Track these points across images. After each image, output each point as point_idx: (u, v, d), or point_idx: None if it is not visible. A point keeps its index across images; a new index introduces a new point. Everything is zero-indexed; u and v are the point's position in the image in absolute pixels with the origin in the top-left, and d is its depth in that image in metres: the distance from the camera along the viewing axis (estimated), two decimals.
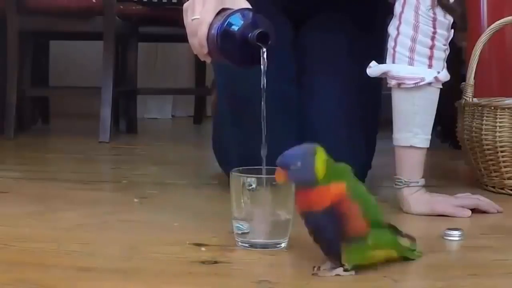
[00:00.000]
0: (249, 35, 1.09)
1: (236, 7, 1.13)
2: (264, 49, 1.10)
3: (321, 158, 0.95)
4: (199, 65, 3.30)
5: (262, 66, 1.10)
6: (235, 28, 1.11)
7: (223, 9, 1.14)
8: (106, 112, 2.51)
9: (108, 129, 2.49)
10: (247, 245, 1.08)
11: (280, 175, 0.96)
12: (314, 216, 0.95)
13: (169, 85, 3.55)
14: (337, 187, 0.94)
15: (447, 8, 1.32)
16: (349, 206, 0.94)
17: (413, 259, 1.04)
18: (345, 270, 0.96)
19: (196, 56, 1.20)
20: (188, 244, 1.11)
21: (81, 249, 1.09)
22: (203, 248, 1.09)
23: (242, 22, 1.11)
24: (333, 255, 0.97)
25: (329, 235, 0.95)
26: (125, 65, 2.91)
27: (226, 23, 1.11)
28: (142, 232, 1.22)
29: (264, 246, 1.08)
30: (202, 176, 1.83)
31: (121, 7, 2.70)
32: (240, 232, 1.08)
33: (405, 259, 1.03)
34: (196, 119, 3.35)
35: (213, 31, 1.12)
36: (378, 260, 0.98)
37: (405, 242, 1.02)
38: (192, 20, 1.16)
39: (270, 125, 1.11)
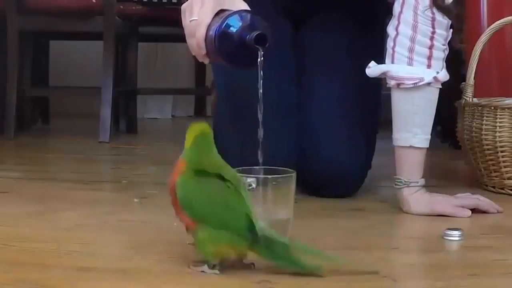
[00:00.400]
0: (247, 37, 1.09)
1: (234, 9, 1.13)
2: (262, 51, 1.10)
3: (191, 134, 1.01)
4: (199, 65, 3.30)
5: (259, 68, 1.10)
6: (233, 29, 1.11)
7: (221, 11, 1.14)
8: (106, 112, 2.51)
9: (108, 129, 2.49)
10: None
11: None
12: None
13: (169, 85, 3.55)
14: (180, 169, 0.97)
15: (442, 9, 1.32)
16: (174, 198, 0.97)
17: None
18: (212, 268, 0.97)
19: (194, 57, 1.21)
20: (188, 244, 1.11)
21: (81, 249, 1.09)
22: None
23: (240, 24, 1.11)
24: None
25: None
26: (125, 65, 2.91)
27: (224, 25, 1.11)
28: (142, 232, 1.22)
29: None
30: None
31: (121, 7, 2.70)
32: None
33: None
34: (196, 119, 3.35)
35: (211, 33, 1.12)
36: (230, 255, 0.96)
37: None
38: (190, 21, 1.16)
39: (270, 125, 1.11)
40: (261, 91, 1.10)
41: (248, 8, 1.16)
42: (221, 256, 0.96)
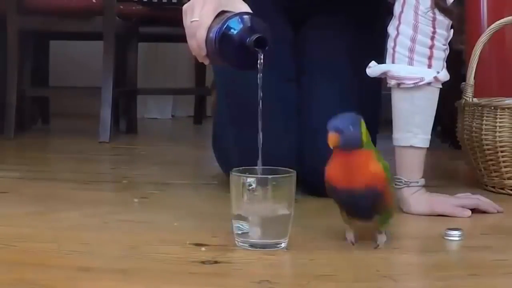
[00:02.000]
0: (247, 39, 1.10)
1: (235, 10, 1.14)
2: (262, 54, 1.10)
3: (363, 126, 1.06)
4: (199, 65, 3.30)
5: (259, 72, 1.10)
6: (233, 32, 1.11)
7: (222, 12, 1.15)
8: (106, 112, 2.51)
9: (108, 129, 2.49)
10: (247, 245, 1.08)
11: (333, 139, 1.02)
12: (352, 194, 1.05)
13: (169, 85, 3.55)
14: (375, 158, 1.05)
15: (444, 10, 1.32)
16: (385, 186, 1.05)
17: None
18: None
19: (195, 57, 1.21)
20: (188, 244, 1.11)
21: (81, 249, 1.09)
22: (203, 248, 1.09)
23: (241, 26, 1.12)
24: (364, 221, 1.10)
25: (366, 207, 1.07)
26: (125, 65, 2.91)
27: (224, 27, 1.11)
28: (142, 232, 1.22)
29: (264, 246, 1.08)
30: (202, 176, 1.83)
31: (121, 7, 2.70)
32: (240, 232, 1.08)
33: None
34: (196, 119, 3.35)
35: (212, 35, 1.12)
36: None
37: None
38: (191, 22, 1.16)
39: (269, 125, 1.11)
40: (261, 94, 1.11)
41: (249, 10, 1.16)
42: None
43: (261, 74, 1.11)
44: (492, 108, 1.56)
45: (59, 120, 3.15)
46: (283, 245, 1.09)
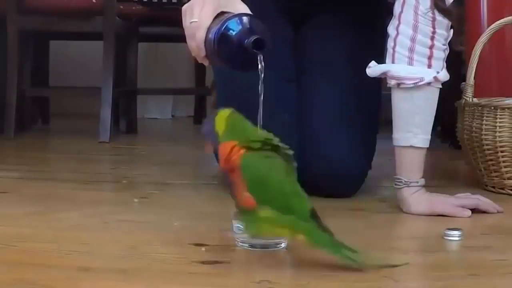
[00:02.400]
0: (246, 41, 1.10)
1: (235, 11, 1.14)
2: (260, 56, 1.10)
3: (220, 119, 1.01)
4: (199, 65, 3.29)
5: (259, 72, 1.10)
6: (232, 33, 1.11)
7: (222, 13, 1.15)
8: (106, 112, 2.51)
9: (108, 129, 2.49)
10: (247, 245, 1.08)
11: (207, 148, 1.03)
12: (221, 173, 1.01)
13: (169, 85, 3.55)
14: (233, 149, 0.97)
15: (443, 11, 1.32)
16: (237, 178, 0.97)
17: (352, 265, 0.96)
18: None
19: (195, 58, 1.21)
20: (188, 244, 1.11)
21: (81, 249, 1.09)
22: (203, 248, 1.09)
23: (239, 27, 1.12)
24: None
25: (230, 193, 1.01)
26: (125, 65, 2.91)
27: (223, 28, 1.11)
28: (142, 232, 1.22)
29: (264, 246, 1.07)
30: (202, 176, 1.83)
31: (121, 7, 2.70)
32: (240, 232, 1.08)
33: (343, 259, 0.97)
34: (196, 119, 3.35)
35: (211, 36, 1.13)
36: (282, 235, 1.02)
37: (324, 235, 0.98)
38: (191, 23, 1.16)
39: (269, 125, 1.11)
40: (261, 98, 1.11)
41: (249, 11, 1.16)
42: (272, 235, 1.01)
43: (262, 76, 1.11)
44: (492, 108, 1.56)
45: (59, 120, 3.15)
46: (283, 245, 1.09)
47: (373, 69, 1.38)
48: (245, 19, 1.13)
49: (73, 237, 1.17)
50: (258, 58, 1.10)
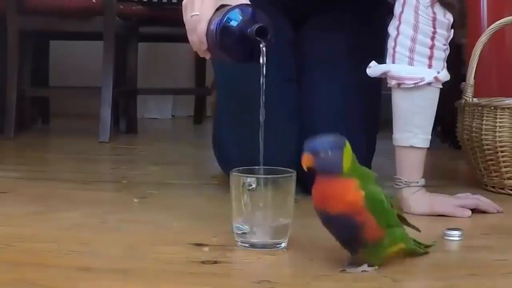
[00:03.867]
0: (248, 30, 1.10)
1: (234, 3, 1.14)
2: (263, 44, 1.10)
3: (348, 151, 0.96)
4: (199, 65, 3.30)
5: (261, 60, 1.10)
6: (234, 23, 1.11)
7: (222, 5, 1.15)
8: (106, 112, 2.51)
9: (108, 129, 2.49)
10: (247, 245, 1.08)
11: (307, 160, 0.95)
12: (330, 217, 0.96)
13: (169, 85, 3.55)
14: (356, 188, 0.95)
15: (445, 5, 1.32)
16: (365, 217, 0.94)
17: (420, 254, 1.06)
18: (370, 266, 0.98)
19: (196, 54, 1.21)
20: (188, 244, 1.11)
21: (81, 249, 1.09)
22: (203, 248, 1.09)
23: (241, 17, 1.12)
24: (351, 252, 0.99)
25: (346, 237, 0.98)
26: (125, 65, 2.91)
27: (225, 19, 1.11)
28: (142, 232, 1.22)
29: (264, 246, 1.08)
30: (202, 176, 1.83)
31: (121, 7, 2.70)
32: (240, 232, 1.08)
33: (412, 253, 1.05)
34: (196, 119, 3.35)
35: (212, 27, 1.13)
36: (393, 255, 1.00)
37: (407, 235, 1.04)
38: (192, 16, 1.16)
39: (270, 125, 1.11)
40: (263, 88, 1.11)
41: (249, 2, 1.16)
42: (392, 256, 1.00)
43: (264, 63, 1.11)
44: (492, 108, 1.56)
45: (59, 120, 3.15)
46: (283, 245, 1.09)
47: (374, 69, 1.38)
48: (246, 9, 1.13)
49: (73, 237, 1.17)
50: (261, 46, 1.10)
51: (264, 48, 1.10)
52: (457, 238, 1.17)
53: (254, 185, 1.05)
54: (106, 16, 2.51)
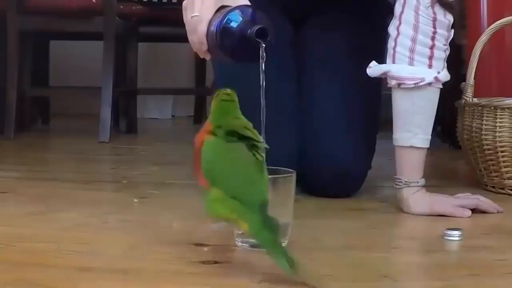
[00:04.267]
0: (248, 31, 1.10)
1: (235, 5, 1.14)
2: (263, 45, 1.10)
3: (217, 97, 1.03)
4: (199, 65, 3.30)
5: (261, 62, 1.10)
6: (234, 24, 1.11)
7: (222, 7, 1.15)
8: (106, 112, 2.51)
9: (108, 129, 2.49)
10: (247, 245, 1.08)
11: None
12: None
13: (169, 85, 3.55)
14: (207, 133, 1.00)
15: (446, 6, 1.32)
16: (197, 158, 1.00)
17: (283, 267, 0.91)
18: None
19: (196, 54, 1.21)
20: (188, 244, 1.11)
21: (81, 249, 1.09)
22: (203, 248, 1.09)
23: (241, 18, 1.12)
24: None
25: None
26: (125, 65, 2.91)
27: (225, 20, 1.11)
28: (142, 232, 1.22)
29: None
30: None
31: (121, 7, 2.70)
32: (240, 232, 1.08)
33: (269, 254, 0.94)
34: (196, 119, 3.36)
35: (213, 28, 1.13)
36: (229, 219, 0.97)
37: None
38: (192, 17, 1.16)
39: (270, 125, 1.11)
40: (263, 88, 1.11)
41: (249, 3, 1.16)
42: (220, 217, 0.98)
43: (263, 65, 1.11)
44: (492, 108, 1.56)
45: (59, 120, 3.15)
46: (283, 245, 1.09)
47: (374, 69, 1.38)
48: (246, 10, 1.13)
49: (73, 237, 1.17)
50: (261, 47, 1.10)
51: (264, 50, 1.10)
52: (457, 238, 1.17)
53: None
54: (106, 16, 2.51)
